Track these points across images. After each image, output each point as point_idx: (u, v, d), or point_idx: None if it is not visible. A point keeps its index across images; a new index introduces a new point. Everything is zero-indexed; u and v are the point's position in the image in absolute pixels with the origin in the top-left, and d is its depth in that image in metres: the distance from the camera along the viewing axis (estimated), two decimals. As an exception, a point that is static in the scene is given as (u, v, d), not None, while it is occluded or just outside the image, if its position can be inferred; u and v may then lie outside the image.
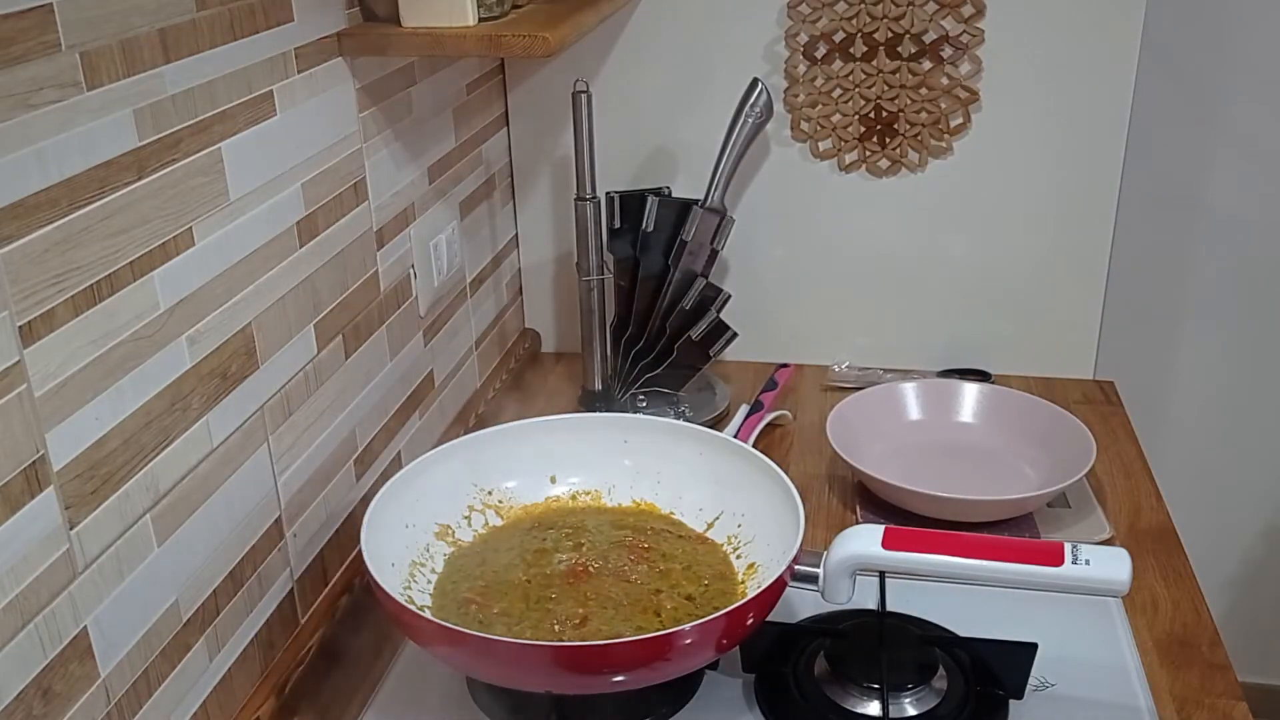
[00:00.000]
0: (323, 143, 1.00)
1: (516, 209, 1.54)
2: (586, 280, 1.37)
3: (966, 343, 1.50)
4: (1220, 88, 1.67)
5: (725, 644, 0.89)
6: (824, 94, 1.41)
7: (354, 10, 1.05)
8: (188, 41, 0.80)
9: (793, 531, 0.93)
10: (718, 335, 1.37)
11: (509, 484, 1.09)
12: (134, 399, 0.76)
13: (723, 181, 1.34)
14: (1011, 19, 1.35)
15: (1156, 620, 1.06)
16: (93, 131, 0.71)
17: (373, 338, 1.12)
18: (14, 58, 0.64)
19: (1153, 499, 1.24)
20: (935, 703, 0.92)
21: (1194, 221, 1.75)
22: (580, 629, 0.92)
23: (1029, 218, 1.43)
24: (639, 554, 1.01)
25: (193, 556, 0.84)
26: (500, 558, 1.01)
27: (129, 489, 0.76)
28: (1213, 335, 1.82)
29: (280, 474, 0.96)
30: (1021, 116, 1.39)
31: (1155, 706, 0.95)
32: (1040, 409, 1.29)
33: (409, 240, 1.19)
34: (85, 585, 0.73)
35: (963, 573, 0.89)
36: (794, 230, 1.49)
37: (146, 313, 0.77)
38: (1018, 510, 1.17)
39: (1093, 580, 0.86)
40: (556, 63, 1.45)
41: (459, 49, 1.03)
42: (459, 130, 1.32)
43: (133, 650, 0.78)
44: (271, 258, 0.93)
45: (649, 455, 1.10)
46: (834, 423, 1.26)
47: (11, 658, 0.67)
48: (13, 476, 0.66)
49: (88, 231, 0.71)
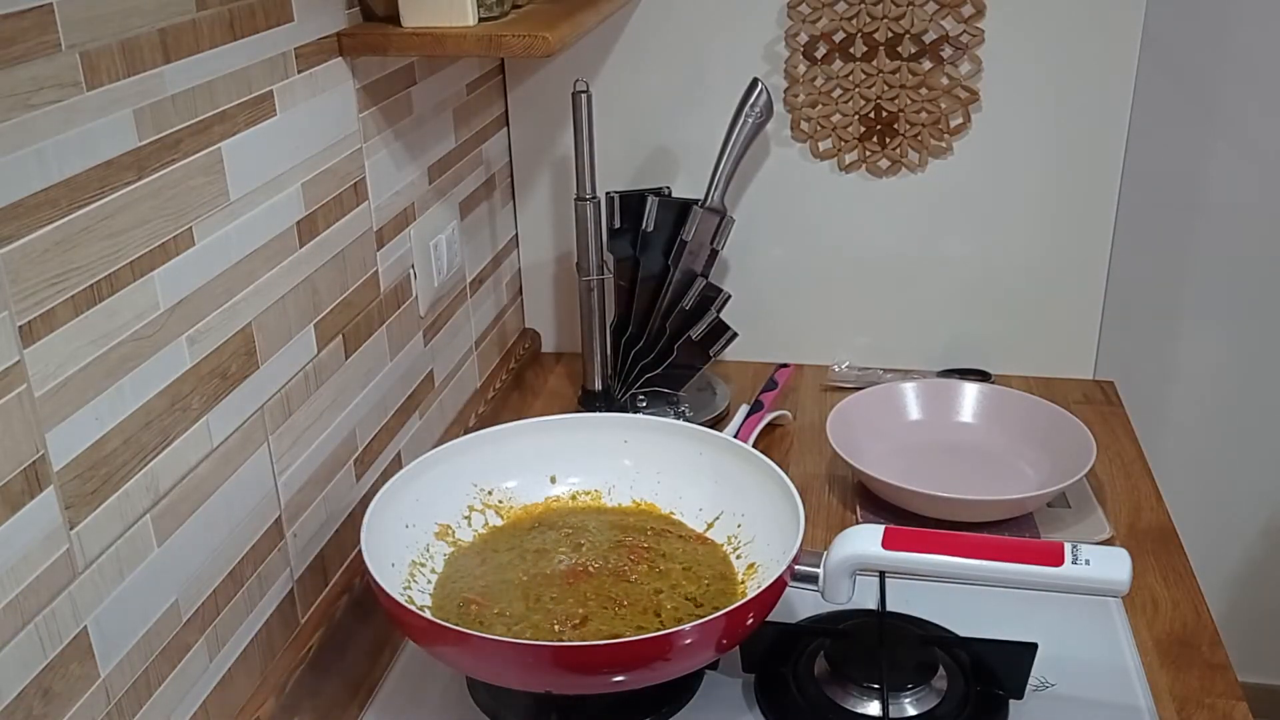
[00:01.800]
0: (323, 143, 1.00)
1: (516, 209, 1.54)
2: (586, 280, 1.37)
3: (966, 343, 1.50)
4: (1220, 87, 1.67)
5: (725, 644, 0.89)
6: (824, 94, 1.41)
7: (354, 10, 1.05)
8: (188, 41, 0.80)
9: (793, 531, 0.93)
10: (718, 335, 1.37)
11: (509, 484, 1.09)
12: (134, 399, 0.76)
13: (723, 181, 1.34)
14: (1011, 19, 1.35)
15: (1156, 620, 1.06)
16: (93, 131, 0.71)
17: (373, 338, 1.12)
18: (14, 58, 0.64)
19: (1153, 499, 1.24)
20: (935, 703, 0.92)
21: (1194, 221, 1.75)
22: (580, 629, 0.92)
23: (1029, 218, 1.43)
24: (639, 554, 1.01)
25: (193, 556, 0.84)
26: (500, 558, 1.02)
27: (129, 489, 0.76)
28: (1213, 335, 1.82)
29: (280, 474, 0.96)
30: (1021, 116, 1.39)
31: (1155, 706, 0.95)
32: (1040, 409, 1.29)
33: (409, 240, 1.19)
34: (85, 585, 0.73)
35: (963, 573, 0.89)
36: (794, 230, 1.49)
37: (146, 313, 0.77)
38: (1018, 510, 1.17)
39: (1093, 580, 0.86)
40: (556, 63, 1.45)
41: (459, 49, 1.03)
42: (459, 130, 1.32)
43: (133, 650, 0.78)
44: (271, 258, 0.93)
45: (649, 455, 1.10)
46: (834, 423, 1.26)
47: (11, 658, 0.67)
48: (13, 476, 0.66)
49: (88, 231, 0.71)
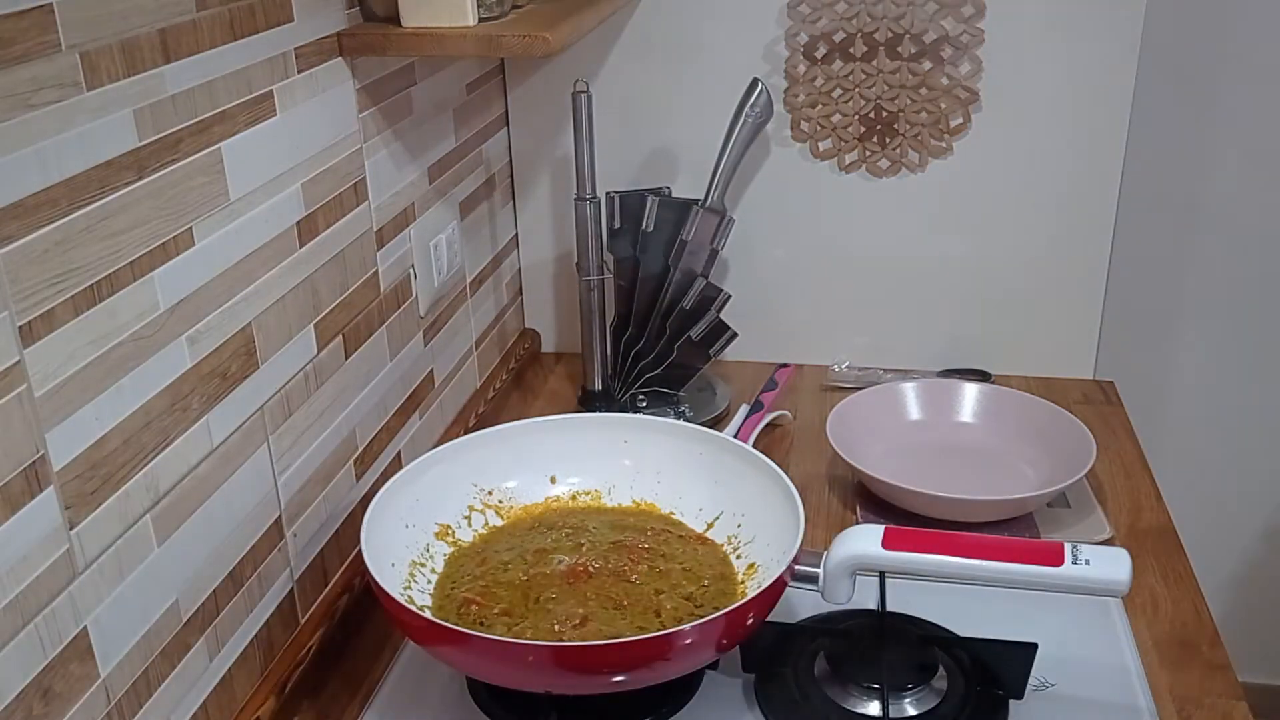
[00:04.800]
0: (323, 143, 1.00)
1: (516, 209, 1.54)
2: (586, 280, 1.37)
3: (966, 343, 1.50)
4: (1220, 87, 1.67)
5: (725, 644, 0.89)
6: (824, 94, 1.41)
7: (354, 10, 1.05)
8: (188, 41, 0.80)
9: (793, 531, 0.93)
10: (718, 335, 1.37)
11: (509, 484, 1.09)
12: (134, 399, 0.76)
13: (723, 181, 1.34)
14: (1011, 19, 1.35)
15: (1156, 620, 1.06)
16: (93, 131, 0.71)
17: (373, 338, 1.12)
18: (14, 58, 0.64)
19: (1153, 499, 1.24)
20: (935, 703, 0.92)
21: (1194, 221, 1.75)
22: (580, 629, 0.92)
23: (1029, 218, 1.43)
24: (639, 554, 1.01)
25: (193, 556, 0.84)
26: (500, 558, 1.01)
27: (129, 489, 0.76)
28: (1213, 335, 1.82)
29: (280, 474, 0.96)
30: (1021, 116, 1.39)
31: (1155, 706, 0.95)
32: (1040, 409, 1.29)
33: (409, 240, 1.19)
34: (85, 585, 0.73)
35: (963, 573, 0.89)
36: (794, 230, 1.49)
37: (146, 313, 0.77)
38: (1018, 510, 1.17)
39: (1093, 580, 0.86)
40: (556, 63, 1.45)
41: (459, 49, 1.03)
42: (459, 130, 1.32)
43: (133, 650, 0.78)
44: (271, 258, 0.93)
45: (649, 455, 1.10)
46: (834, 423, 1.26)
47: (11, 658, 0.67)
48: (13, 476, 0.66)
49: (88, 231, 0.71)
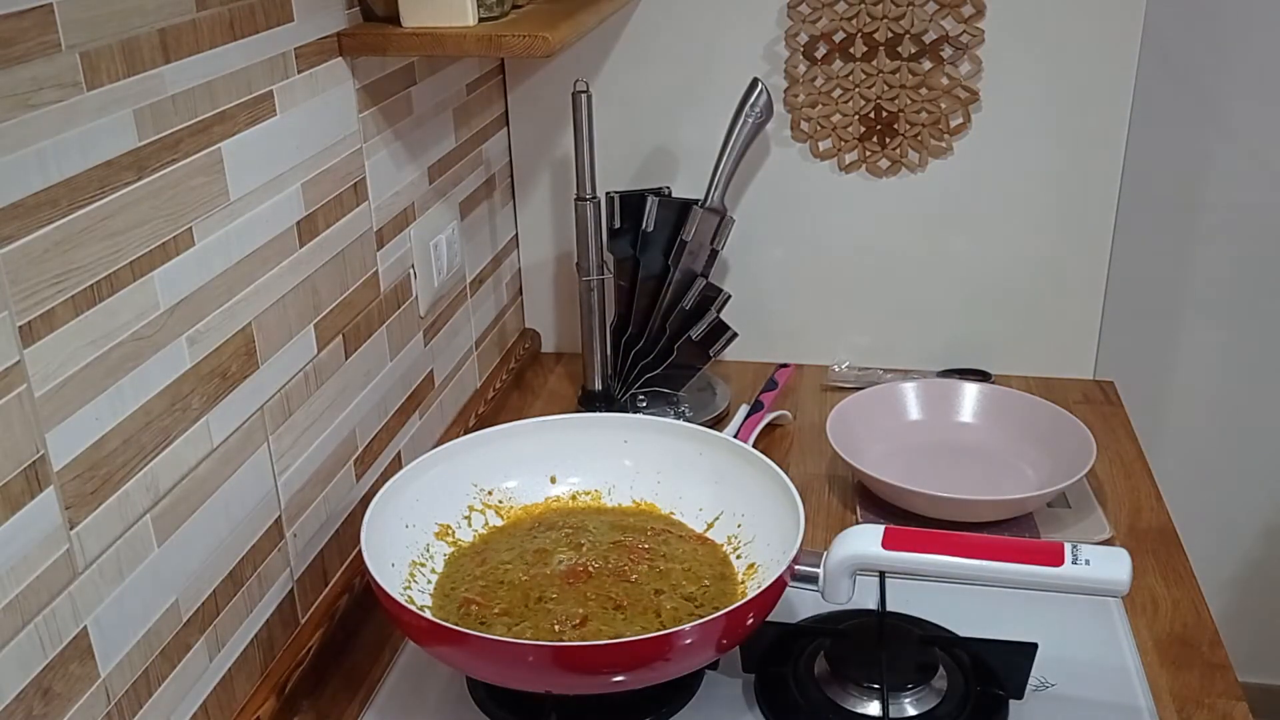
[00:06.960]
0: (323, 143, 1.00)
1: (516, 209, 1.54)
2: (586, 280, 1.37)
3: (966, 343, 1.50)
4: (1220, 88, 1.67)
5: (725, 644, 0.89)
6: (824, 94, 1.41)
7: (354, 10, 1.05)
8: (188, 42, 0.80)
9: (793, 531, 0.93)
10: (718, 335, 1.37)
11: (509, 484, 1.09)
12: (134, 399, 0.76)
13: (723, 181, 1.34)
14: (1011, 19, 1.35)
15: (1156, 620, 1.06)
16: (93, 131, 0.71)
17: (373, 338, 1.12)
18: (14, 58, 0.64)
19: (1153, 499, 1.24)
20: (935, 703, 0.92)
21: (1194, 221, 1.75)
22: (580, 629, 0.92)
23: (1029, 218, 1.43)
24: (639, 554, 1.01)
25: (193, 556, 0.84)
26: (500, 558, 1.01)
27: (129, 489, 0.76)
28: (1213, 335, 1.82)
29: (280, 474, 0.96)
30: (1021, 116, 1.38)
31: (1155, 706, 0.95)
32: (1040, 409, 1.29)
33: (409, 240, 1.19)
34: (85, 585, 0.73)
35: (963, 573, 0.89)
36: (794, 230, 1.49)
37: (146, 313, 0.77)
38: (1018, 510, 1.17)
39: (1093, 580, 0.86)
40: (556, 63, 1.45)
41: (459, 49, 1.03)
42: (459, 130, 1.32)
43: (133, 650, 0.78)
44: (271, 258, 0.93)
45: (649, 455, 1.10)
46: (834, 423, 1.26)
47: (11, 658, 0.67)
48: (13, 476, 0.66)
49: (88, 231, 0.71)
